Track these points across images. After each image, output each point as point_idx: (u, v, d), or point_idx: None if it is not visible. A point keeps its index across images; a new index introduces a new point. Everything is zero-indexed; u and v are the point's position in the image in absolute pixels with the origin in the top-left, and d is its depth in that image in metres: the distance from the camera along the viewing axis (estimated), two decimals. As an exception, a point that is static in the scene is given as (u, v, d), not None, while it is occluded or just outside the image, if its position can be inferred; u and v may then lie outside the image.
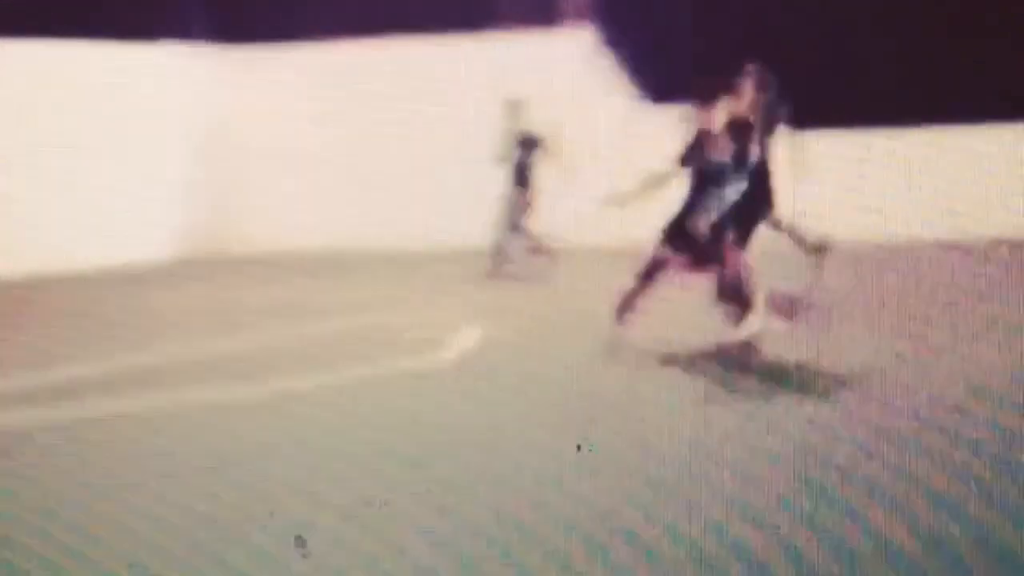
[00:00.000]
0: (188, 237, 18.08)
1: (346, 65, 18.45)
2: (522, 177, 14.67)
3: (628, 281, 8.65)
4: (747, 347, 8.44)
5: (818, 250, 10.64)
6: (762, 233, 9.55)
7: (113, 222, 16.83)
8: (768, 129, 9.26)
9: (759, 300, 8.48)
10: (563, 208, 14.59)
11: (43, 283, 14.85)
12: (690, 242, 8.53)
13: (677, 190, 8.63)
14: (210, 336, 10.32)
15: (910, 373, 7.74)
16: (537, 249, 14.21)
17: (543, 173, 14.80)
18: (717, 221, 8.51)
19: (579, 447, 6.12)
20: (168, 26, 18.07)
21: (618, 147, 16.00)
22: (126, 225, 17.06)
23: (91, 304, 13.17)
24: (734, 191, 8.51)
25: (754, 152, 8.74)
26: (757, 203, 8.94)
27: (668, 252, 8.56)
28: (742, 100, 8.84)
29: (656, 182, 8.49)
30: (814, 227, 11.01)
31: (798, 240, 10.57)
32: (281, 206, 18.26)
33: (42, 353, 9.63)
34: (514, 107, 14.80)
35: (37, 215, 15.84)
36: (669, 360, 8.37)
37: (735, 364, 8.21)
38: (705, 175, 8.52)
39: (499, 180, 14.93)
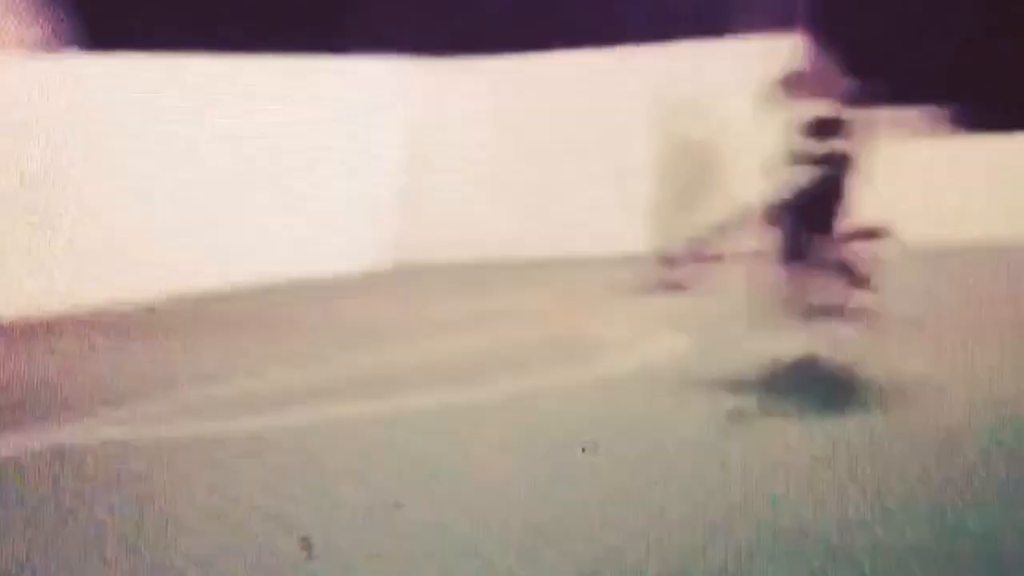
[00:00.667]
0: (379, 248, 18.58)
1: (533, 76, 18.74)
2: (692, 184, 14.71)
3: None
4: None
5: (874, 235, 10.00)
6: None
7: (306, 233, 17.29)
8: (853, 130, 8.98)
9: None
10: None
11: (235, 294, 15.31)
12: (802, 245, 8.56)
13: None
14: (399, 346, 10.37)
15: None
16: (704, 256, 14.13)
17: (711, 181, 14.79)
18: (809, 221, 8.50)
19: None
20: (365, 39, 18.74)
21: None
22: (318, 236, 17.50)
23: (282, 315, 13.52)
24: (818, 191, 8.50)
25: (838, 151, 8.52)
26: (836, 203, 8.71)
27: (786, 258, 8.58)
28: (824, 100, 8.67)
29: (748, 212, 8.51)
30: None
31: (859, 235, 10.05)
32: (466, 216, 18.62)
33: (234, 363, 9.81)
34: (682, 114, 14.84)
35: (230, 227, 16.34)
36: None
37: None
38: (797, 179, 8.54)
39: (667, 187, 15.00)
